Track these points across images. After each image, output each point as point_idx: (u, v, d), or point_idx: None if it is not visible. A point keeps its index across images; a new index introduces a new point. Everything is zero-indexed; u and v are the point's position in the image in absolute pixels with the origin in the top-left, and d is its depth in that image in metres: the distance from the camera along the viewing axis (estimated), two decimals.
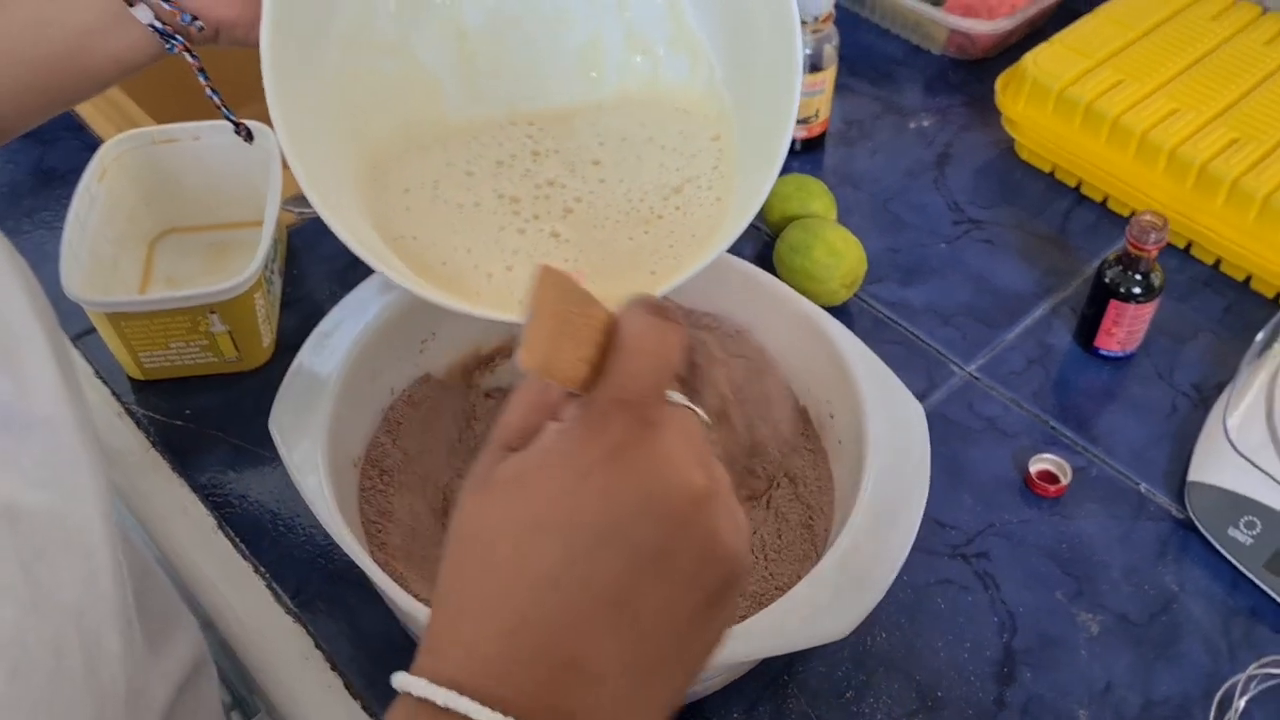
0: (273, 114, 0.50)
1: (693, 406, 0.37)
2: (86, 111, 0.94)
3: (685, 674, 0.35)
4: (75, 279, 0.69)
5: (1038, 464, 0.70)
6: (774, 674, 0.61)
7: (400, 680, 0.32)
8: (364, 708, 0.60)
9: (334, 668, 0.61)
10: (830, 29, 0.86)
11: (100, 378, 0.76)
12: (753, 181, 0.54)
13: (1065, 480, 0.69)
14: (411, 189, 0.55)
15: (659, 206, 0.54)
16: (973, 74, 0.99)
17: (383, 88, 0.57)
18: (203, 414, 0.73)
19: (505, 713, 0.30)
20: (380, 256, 0.49)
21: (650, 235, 0.53)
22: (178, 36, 0.58)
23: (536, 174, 0.55)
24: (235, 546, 0.66)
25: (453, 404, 0.67)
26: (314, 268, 0.84)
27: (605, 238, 0.53)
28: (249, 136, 0.65)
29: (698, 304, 0.68)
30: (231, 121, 0.64)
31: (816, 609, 0.51)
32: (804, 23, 0.85)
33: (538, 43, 0.59)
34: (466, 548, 0.33)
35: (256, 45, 0.55)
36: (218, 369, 0.74)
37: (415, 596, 0.52)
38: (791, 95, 0.53)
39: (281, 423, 0.58)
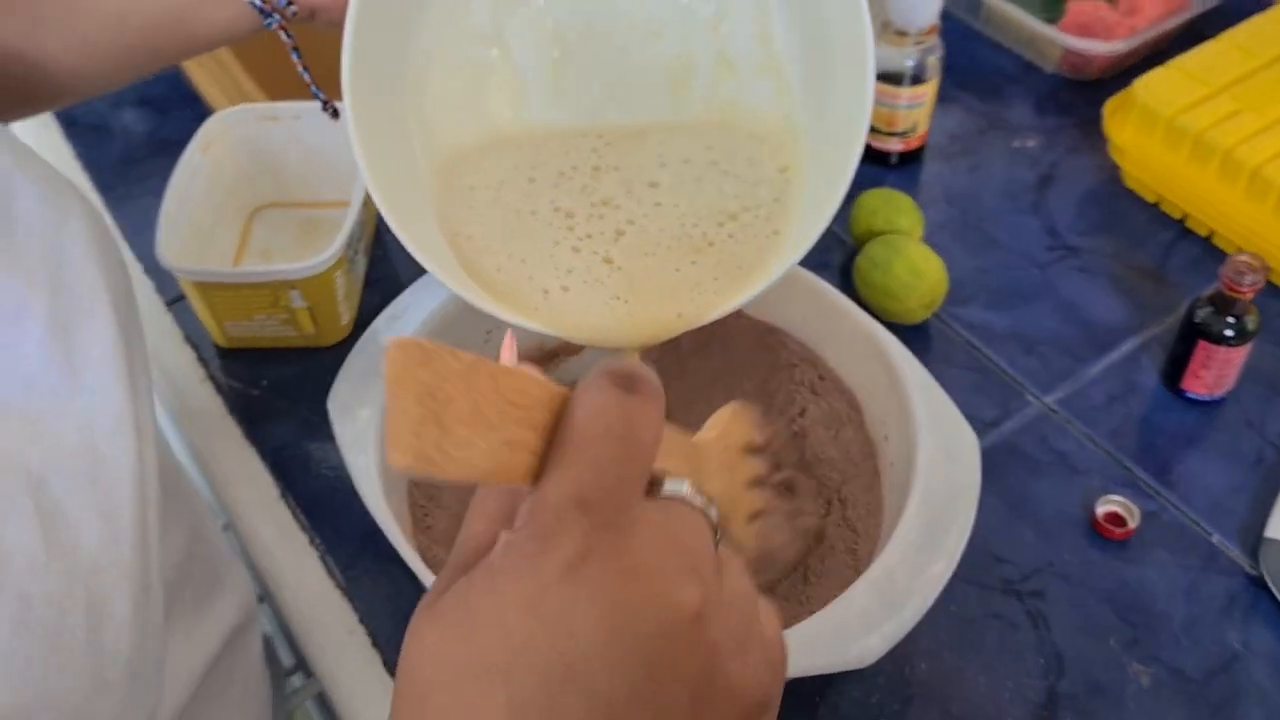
0: (345, 97, 0.51)
1: (688, 497, 0.30)
2: (202, 84, 0.97)
3: None
4: (169, 247, 0.72)
5: (1105, 505, 0.68)
6: (806, 693, 0.60)
7: None
8: None
9: (375, 644, 0.63)
10: (935, 41, 0.85)
11: (189, 342, 0.79)
12: (810, 219, 0.53)
13: (1133, 524, 0.67)
14: (476, 187, 0.56)
15: (712, 233, 0.54)
16: (1085, 96, 0.96)
17: (466, 81, 0.58)
18: (278, 385, 0.76)
19: None
20: (439, 259, 0.50)
21: (697, 266, 0.53)
22: (276, 15, 0.61)
23: (594, 191, 0.55)
24: (295, 516, 0.69)
25: None
26: (399, 249, 0.85)
27: (655, 265, 0.53)
28: (335, 114, 0.67)
29: (765, 315, 0.68)
30: (320, 100, 0.67)
31: (841, 634, 0.50)
32: (906, 34, 0.83)
33: (628, 56, 0.59)
34: (401, 692, 0.27)
35: None
36: (297, 343, 0.77)
37: None
38: (857, 139, 0.51)
39: (340, 400, 0.60)
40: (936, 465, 0.56)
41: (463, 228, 0.54)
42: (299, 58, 0.64)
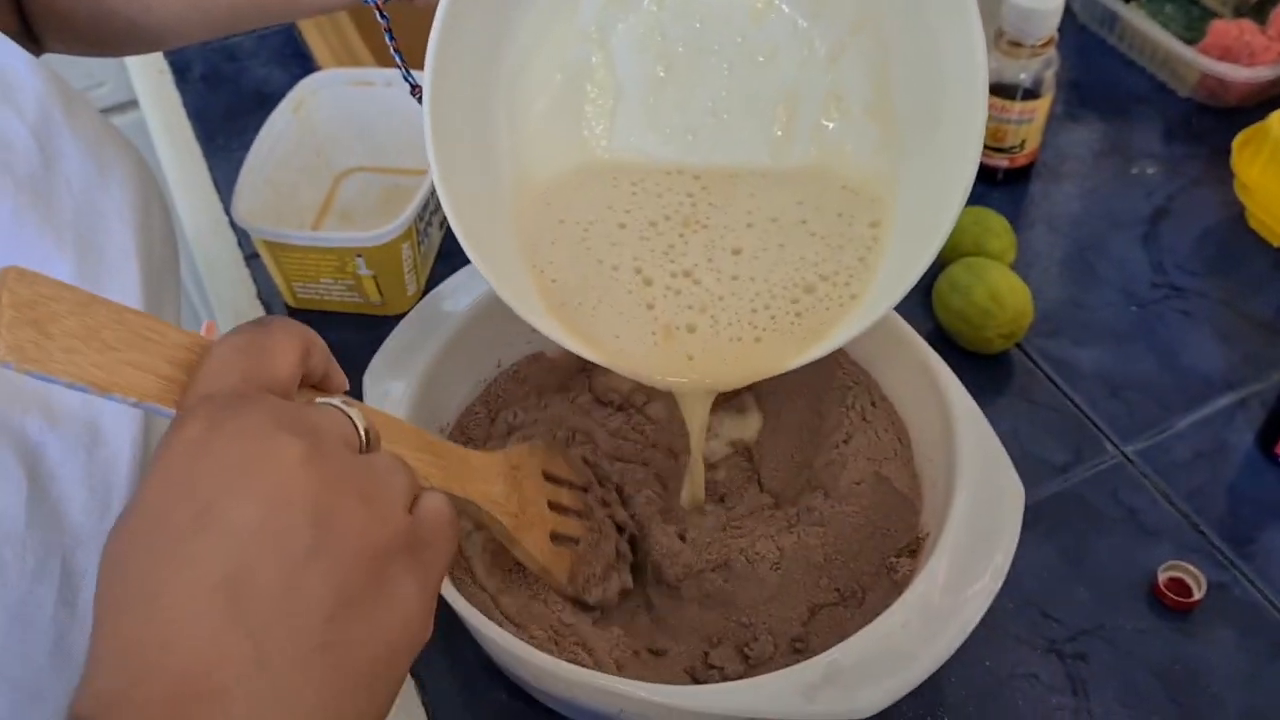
0: (425, 87, 0.50)
1: (334, 402, 0.34)
2: (313, 42, 0.99)
3: (349, 677, 0.30)
4: (243, 204, 0.73)
5: (1170, 570, 0.63)
6: None
7: None
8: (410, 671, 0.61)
9: None
10: (1052, 53, 0.80)
11: (260, 298, 0.80)
12: (890, 285, 0.51)
13: (1199, 594, 0.62)
14: (566, 221, 0.55)
15: (783, 309, 0.53)
16: (1220, 124, 0.89)
17: (564, 86, 0.57)
18: (341, 349, 0.75)
19: None
20: (505, 275, 0.51)
21: (764, 338, 0.53)
22: None
23: (678, 256, 0.54)
24: None
25: (559, 388, 0.67)
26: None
27: (725, 335, 0.53)
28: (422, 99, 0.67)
29: None
30: (409, 83, 0.66)
31: (841, 682, 0.47)
32: (1021, 44, 0.79)
33: (735, 78, 0.57)
34: (95, 592, 0.31)
35: None
36: (362, 309, 0.77)
37: (469, 566, 0.55)
38: (954, 204, 0.49)
39: (376, 374, 0.60)
40: (971, 519, 0.52)
41: (544, 260, 0.54)
42: (392, 40, 0.63)
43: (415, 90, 0.66)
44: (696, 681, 0.55)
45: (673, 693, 0.48)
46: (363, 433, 0.34)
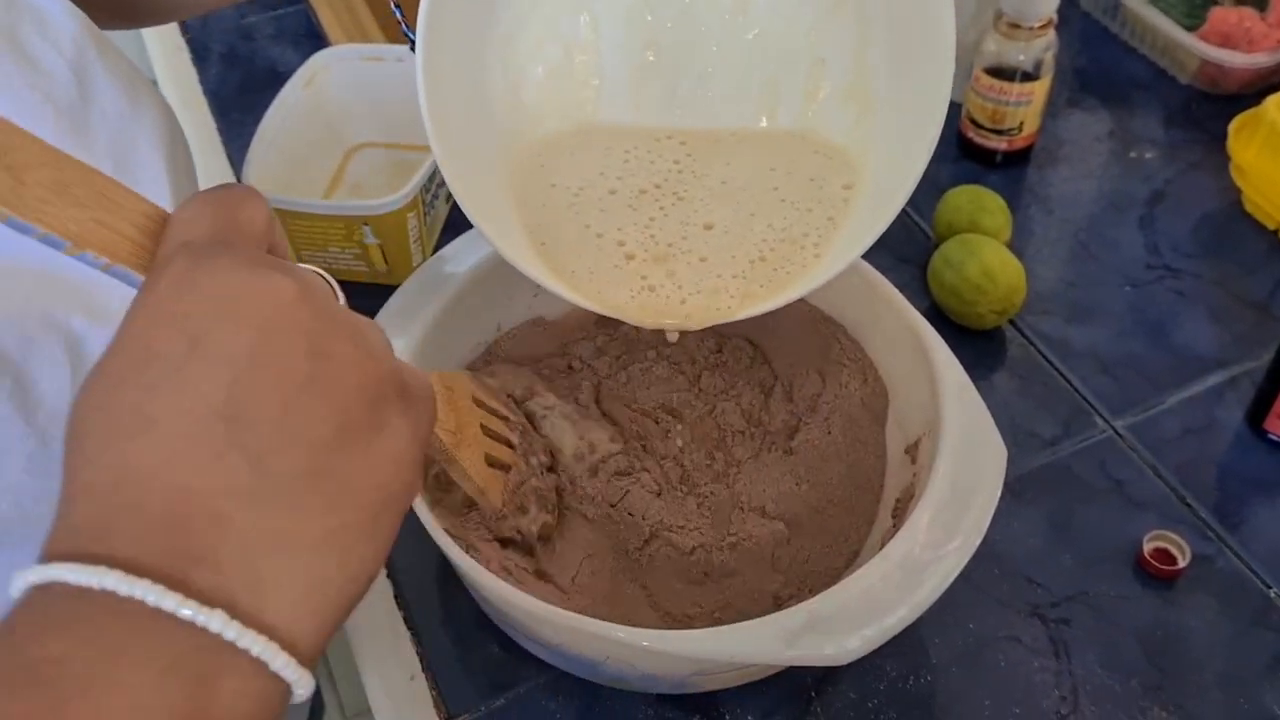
0: (419, 44, 0.52)
1: (317, 270, 0.35)
2: (326, 19, 1.00)
3: (347, 509, 0.30)
4: (253, 171, 0.74)
5: (1155, 540, 0.64)
6: (799, 686, 0.59)
7: (11, 582, 0.29)
8: (405, 620, 0.62)
9: (398, 598, 0.64)
10: (1050, 36, 0.81)
11: None
12: (853, 240, 0.54)
13: (1183, 563, 0.63)
14: (557, 185, 0.57)
15: (757, 255, 0.55)
16: (1218, 111, 0.90)
17: (554, 53, 0.58)
18: None
19: (112, 566, 0.27)
20: (495, 222, 0.53)
21: (736, 281, 0.55)
22: None
23: (658, 229, 0.57)
24: None
25: (557, 350, 0.69)
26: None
27: (702, 279, 0.55)
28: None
29: (817, 302, 0.66)
30: (410, 40, 0.67)
31: (822, 628, 0.49)
32: (1020, 27, 0.80)
33: (721, 51, 0.59)
34: (66, 440, 0.30)
35: None
36: (369, 278, 0.79)
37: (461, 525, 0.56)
38: (913, 173, 0.52)
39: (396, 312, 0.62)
40: (954, 478, 0.54)
41: (535, 221, 0.56)
42: (401, 16, 0.64)
43: (414, 46, 0.68)
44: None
45: (656, 637, 0.49)
46: (340, 297, 0.35)
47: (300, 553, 0.29)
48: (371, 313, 0.78)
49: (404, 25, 0.66)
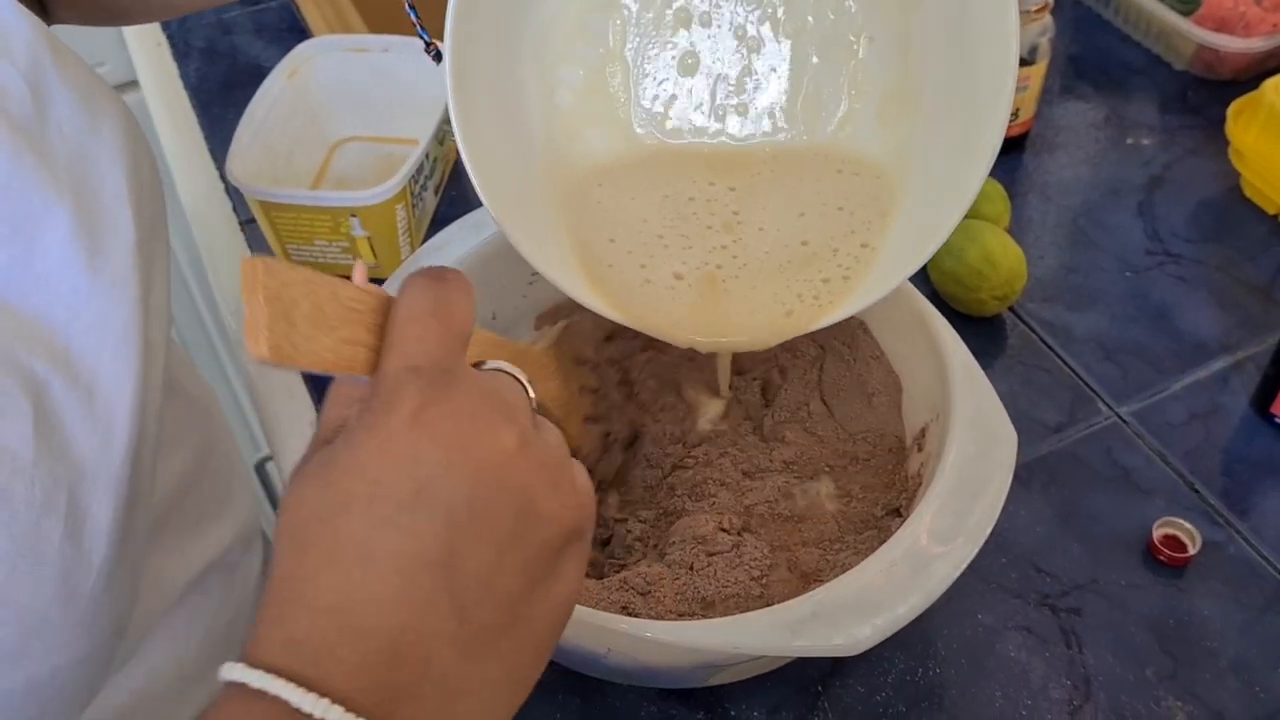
0: (446, 39, 0.50)
1: (509, 370, 0.36)
2: (307, 10, 0.99)
3: (527, 652, 0.33)
4: (236, 165, 0.73)
5: (1165, 527, 0.63)
6: (806, 679, 0.58)
7: (224, 669, 0.30)
8: None
9: None
10: (1047, 20, 0.80)
11: None
12: (897, 263, 0.53)
13: (1193, 550, 0.62)
14: (604, 202, 0.55)
15: (804, 292, 0.54)
16: (1215, 96, 0.89)
17: (589, 63, 0.57)
18: None
19: (323, 695, 0.29)
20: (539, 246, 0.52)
21: (789, 316, 0.54)
22: None
23: (709, 253, 0.55)
24: None
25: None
26: (477, 193, 0.85)
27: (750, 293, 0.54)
28: (438, 58, 0.65)
29: None
30: (425, 40, 0.64)
31: (832, 618, 0.47)
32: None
33: (759, 63, 0.57)
34: (283, 540, 0.32)
35: None
36: None
37: None
38: (975, 181, 0.51)
39: None
40: (964, 463, 0.52)
41: (577, 242, 0.54)
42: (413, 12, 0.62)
43: (431, 48, 0.65)
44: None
45: (659, 628, 0.47)
46: (532, 399, 0.36)
47: (487, 691, 0.32)
48: None
49: (419, 27, 0.64)
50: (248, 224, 0.82)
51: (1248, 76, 0.89)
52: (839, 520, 0.59)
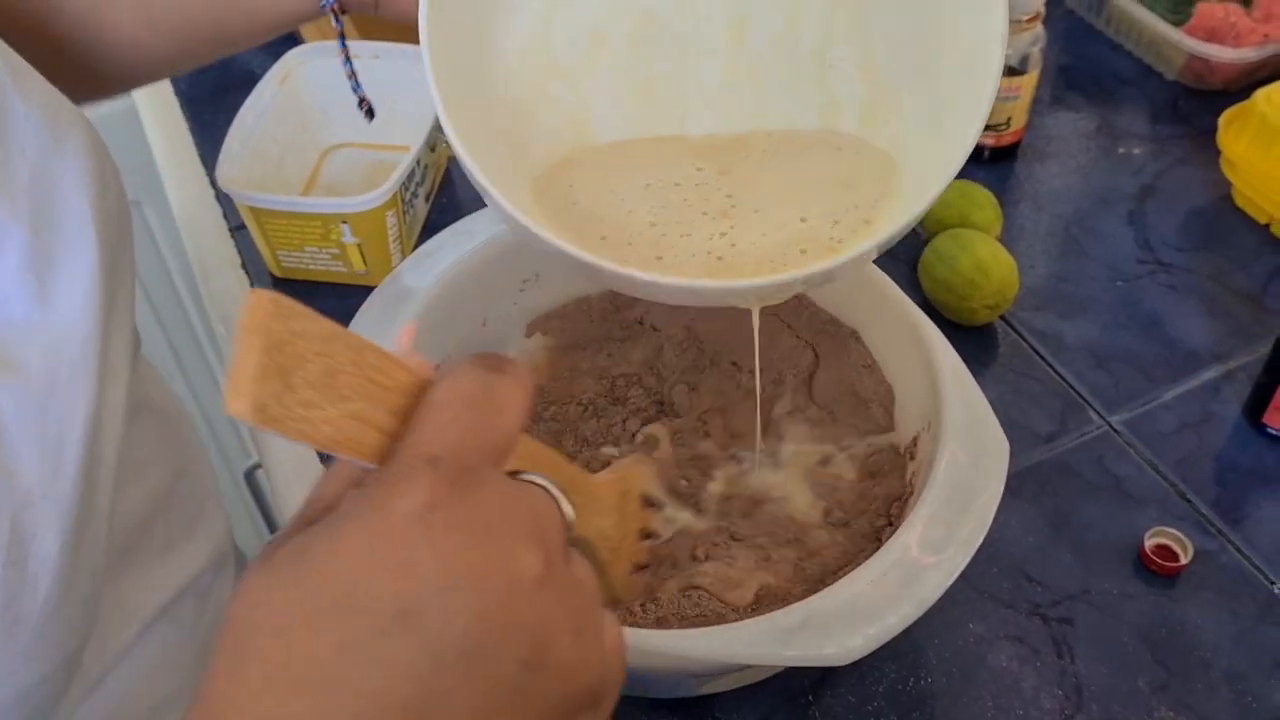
0: (429, 76, 0.49)
1: (545, 485, 0.30)
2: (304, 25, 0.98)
3: None
4: (225, 170, 0.72)
5: (1156, 536, 0.63)
6: (797, 689, 0.57)
7: None
8: None
9: None
10: (1039, 30, 0.80)
11: (245, 269, 0.80)
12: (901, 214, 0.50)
13: (1185, 559, 0.62)
14: (578, 184, 0.54)
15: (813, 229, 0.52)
16: (1205, 106, 0.89)
17: (563, 59, 0.56)
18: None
19: None
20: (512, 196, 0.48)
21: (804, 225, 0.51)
22: None
23: (706, 215, 0.53)
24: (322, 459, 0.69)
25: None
26: (469, 200, 0.85)
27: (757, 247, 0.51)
28: (370, 114, 0.64)
29: (816, 298, 0.65)
30: (359, 96, 0.63)
31: (823, 627, 0.47)
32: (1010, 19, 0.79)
33: (734, 51, 0.57)
34: (225, 636, 0.26)
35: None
36: (347, 279, 0.77)
37: None
38: (956, 159, 0.48)
39: (360, 331, 0.59)
40: (956, 472, 0.52)
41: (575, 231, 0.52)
42: (344, 45, 0.61)
43: (363, 104, 0.64)
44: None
45: (648, 636, 0.47)
46: (569, 523, 0.30)
47: None
48: (348, 314, 0.76)
49: (354, 82, 0.62)
50: (238, 230, 0.82)
51: (1238, 86, 0.89)
52: (830, 529, 0.58)
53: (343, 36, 0.59)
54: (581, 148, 0.56)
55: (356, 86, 0.60)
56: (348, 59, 0.61)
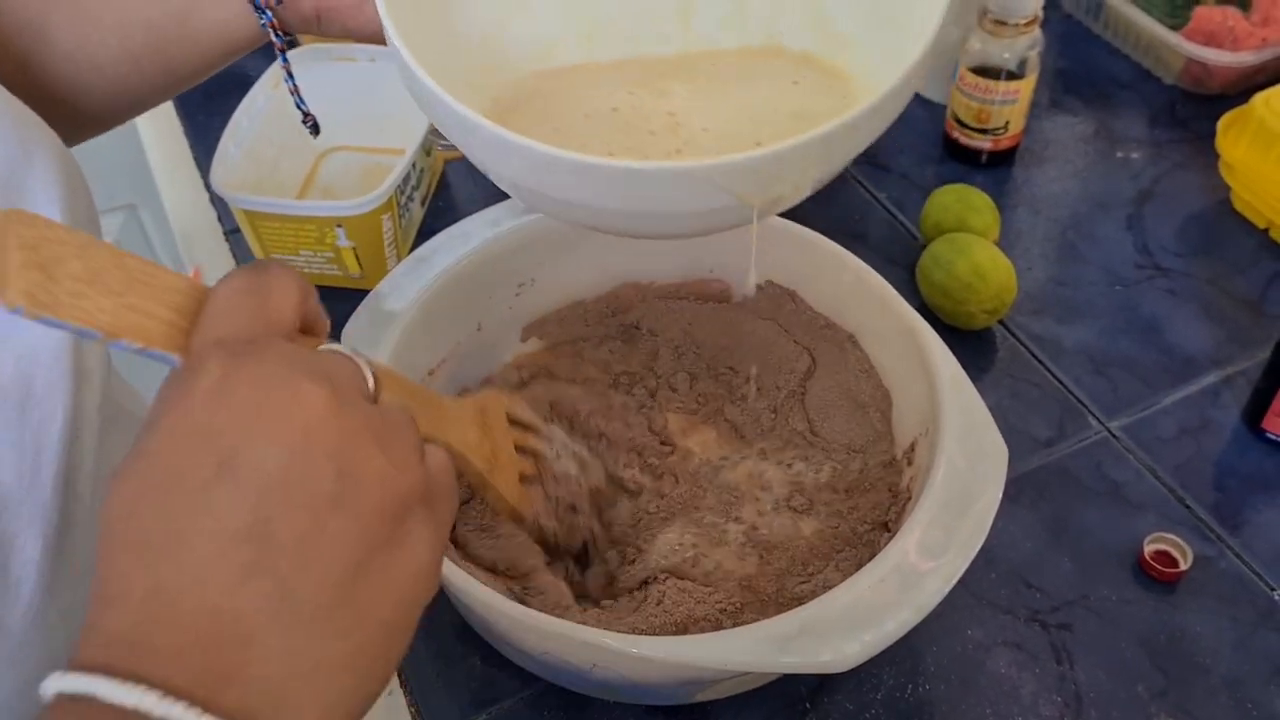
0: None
1: (340, 349, 0.34)
2: None
3: (372, 631, 0.30)
4: (219, 173, 0.72)
5: (1156, 542, 0.63)
6: (794, 696, 0.57)
7: (42, 685, 0.28)
8: None
9: None
10: (1036, 34, 0.79)
11: None
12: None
13: (1184, 565, 0.61)
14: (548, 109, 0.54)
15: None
16: (1204, 110, 0.89)
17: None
18: None
19: (150, 687, 0.27)
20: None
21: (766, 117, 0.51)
22: (268, 11, 0.56)
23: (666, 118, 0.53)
24: None
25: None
26: (465, 204, 0.85)
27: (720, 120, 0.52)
28: (315, 130, 0.63)
29: (814, 302, 0.65)
30: (302, 112, 0.62)
31: (819, 634, 0.46)
32: (1005, 23, 0.79)
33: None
34: (100, 546, 0.30)
35: (363, 36, 0.54)
36: (342, 283, 0.76)
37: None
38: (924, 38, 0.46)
39: (351, 337, 0.59)
40: (954, 478, 0.52)
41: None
42: (285, 61, 0.59)
43: (308, 119, 0.63)
44: None
45: (646, 644, 0.47)
46: (371, 380, 0.34)
47: (323, 673, 0.29)
48: (343, 318, 0.76)
49: (298, 98, 0.61)
50: (232, 233, 0.82)
51: (1236, 90, 0.89)
52: (827, 535, 0.58)
53: (284, 53, 0.58)
54: (535, 80, 0.55)
55: (300, 102, 0.60)
56: (289, 74, 0.60)
